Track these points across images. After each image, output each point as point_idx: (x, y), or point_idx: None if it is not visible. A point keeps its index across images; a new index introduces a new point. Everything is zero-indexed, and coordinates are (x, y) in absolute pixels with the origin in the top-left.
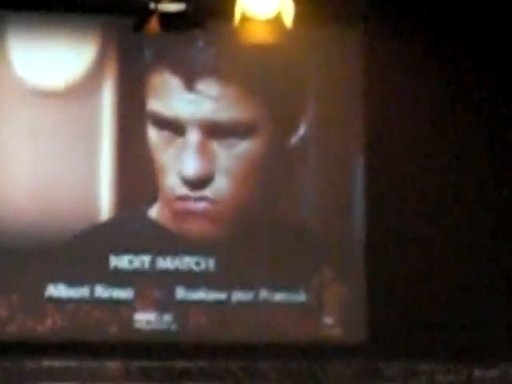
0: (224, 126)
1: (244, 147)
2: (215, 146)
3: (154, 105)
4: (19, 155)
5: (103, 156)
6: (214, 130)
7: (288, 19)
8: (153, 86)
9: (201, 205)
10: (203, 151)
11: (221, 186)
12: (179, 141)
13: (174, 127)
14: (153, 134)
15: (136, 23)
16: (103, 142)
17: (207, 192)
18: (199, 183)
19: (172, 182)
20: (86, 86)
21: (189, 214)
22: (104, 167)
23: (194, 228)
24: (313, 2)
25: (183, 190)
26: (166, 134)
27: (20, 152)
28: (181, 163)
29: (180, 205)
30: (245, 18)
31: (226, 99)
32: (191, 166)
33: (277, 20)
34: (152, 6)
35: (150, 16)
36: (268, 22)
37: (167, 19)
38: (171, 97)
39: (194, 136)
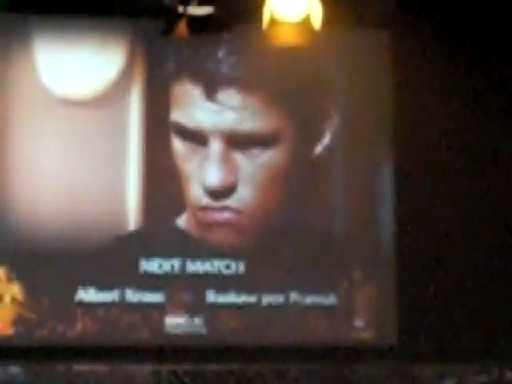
0: (246, 136)
1: (267, 157)
2: (238, 156)
3: (177, 115)
4: (47, 162)
5: (130, 165)
6: (236, 141)
7: (316, 22)
8: (176, 96)
9: (225, 215)
10: (226, 161)
11: (244, 196)
12: (202, 151)
13: (197, 138)
14: (177, 144)
15: (164, 27)
16: (130, 152)
17: (230, 202)
18: (222, 193)
19: (196, 192)
20: (113, 95)
21: (213, 224)
22: (131, 176)
23: (220, 238)
24: (341, 4)
25: (206, 201)
26: (189, 144)
27: (48, 159)
28: (204, 173)
29: (204, 215)
30: (273, 21)
31: (249, 109)
32: (213, 176)
33: (305, 23)
34: (180, 9)
35: (179, 19)
36: (296, 24)
37: (195, 22)
38: (193, 107)
39: (216, 146)
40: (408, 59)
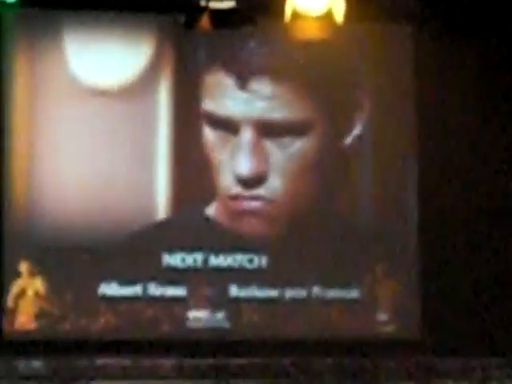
0: (277, 124)
1: (298, 146)
2: (269, 144)
3: (209, 104)
4: (75, 154)
5: (160, 155)
6: (267, 129)
7: (339, 15)
8: (207, 85)
9: (255, 204)
10: (257, 150)
11: (275, 184)
12: (233, 140)
13: (228, 126)
14: (208, 133)
15: (187, 20)
16: (159, 142)
17: (261, 191)
18: (252, 182)
19: (227, 181)
20: (142, 86)
21: (244, 212)
22: (161, 166)
23: (249, 227)
24: None
25: (237, 189)
26: (220, 133)
27: (76, 151)
28: (235, 162)
29: (234, 204)
30: (295, 15)
31: (280, 98)
32: (245, 164)
33: (327, 16)
34: (203, 3)
35: (202, 13)
36: (319, 18)
37: (218, 16)
38: (225, 96)
39: (247, 135)
40: (431, 51)
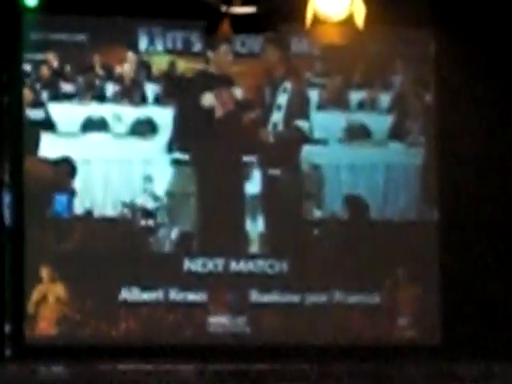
0: None
1: None
2: None
3: None
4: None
5: None
6: None
7: (360, 20)
8: None
9: None
10: None
11: None
12: None
13: None
14: None
15: (208, 26)
16: None
17: None
18: None
19: None
20: None
21: None
22: None
23: None
24: (384, 3)
25: None
26: None
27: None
28: None
29: None
30: (316, 20)
31: None
32: None
33: (348, 22)
34: (224, 8)
35: (222, 18)
36: (340, 23)
37: (239, 21)
38: None
39: None
40: (449, 56)
